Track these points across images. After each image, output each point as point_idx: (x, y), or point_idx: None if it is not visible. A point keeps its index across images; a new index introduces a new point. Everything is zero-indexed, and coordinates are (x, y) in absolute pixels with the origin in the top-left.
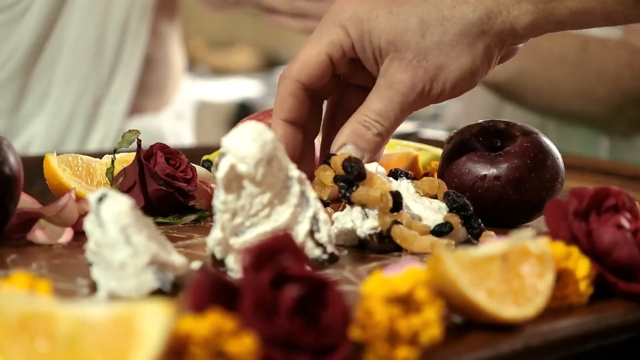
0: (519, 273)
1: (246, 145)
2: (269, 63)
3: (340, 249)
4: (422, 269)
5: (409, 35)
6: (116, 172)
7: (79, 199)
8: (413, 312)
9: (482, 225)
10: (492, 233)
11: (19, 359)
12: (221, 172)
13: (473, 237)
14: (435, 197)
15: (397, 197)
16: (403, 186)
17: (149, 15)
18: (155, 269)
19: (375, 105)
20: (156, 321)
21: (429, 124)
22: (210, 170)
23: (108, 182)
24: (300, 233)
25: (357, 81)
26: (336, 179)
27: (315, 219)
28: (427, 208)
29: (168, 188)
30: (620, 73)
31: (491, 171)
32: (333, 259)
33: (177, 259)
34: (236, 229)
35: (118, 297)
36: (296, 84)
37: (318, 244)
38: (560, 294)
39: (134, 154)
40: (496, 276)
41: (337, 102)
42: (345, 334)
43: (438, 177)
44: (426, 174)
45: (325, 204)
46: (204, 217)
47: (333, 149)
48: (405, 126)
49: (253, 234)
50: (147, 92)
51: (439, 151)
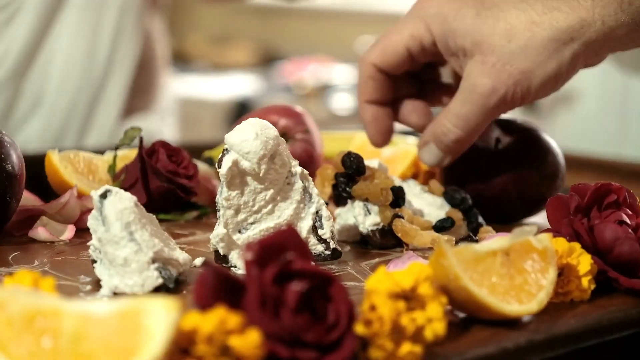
0: (522, 269)
1: (249, 141)
2: (268, 58)
3: (342, 245)
4: (426, 265)
5: (495, 38)
6: (118, 169)
7: (81, 196)
8: (417, 308)
9: (482, 220)
10: (490, 228)
11: (24, 357)
12: (224, 169)
13: (471, 232)
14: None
15: (400, 192)
16: (406, 184)
17: (142, 14)
18: (158, 266)
19: (456, 108)
20: (162, 317)
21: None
22: (211, 166)
23: (110, 179)
24: (303, 229)
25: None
26: (336, 175)
27: (318, 215)
28: (430, 205)
29: (170, 184)
30: None
31: (492, 167)
32: (336, 255)
33: (181, 256)
34: (239, 225)
35: (121, 294)
36: (372, 67)
37: (321, 240)
38: (562, 290)
39: (136, 151)
40: (499, 272)
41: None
42: (349, 330)
43: (439, 173)
44: (428, 172)
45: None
46: (206, 214)
47: (418, 145)
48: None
49: (256, 230)
50: (136, 93)
51: None
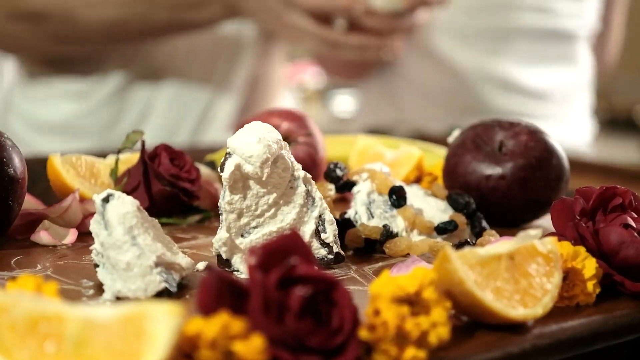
0: (527, 273)
1: (252, 145)
2: None
3: (345, 249)
4: (430, 269)
5: None
6: (120, 173)
7: (83, 200)
8: (421, 312)
9: (485, 224)
10: (494, 232)
11: None
12: (227, 172)
13: (475, 236)
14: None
15: (401, 192)
16: (410, 188)
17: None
18: (161, 270)
19: None
20: (165, 322)
21: (433, 123)
22: (214, 170)
23: (112, 183)
24: (306, 233)
25: None
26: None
27: (321, 219)
28: (434, 208)
29: (172, 188)
30: None
31: (496, 170)
32: (339, 259)
33: (183, 260)
34: (242, 229)
35: (124, 298)
36: None
37: (324, 244)
38: (567, 294)
39: (138, 155)
40: (503, 276)
41: None
42: (353, 334)
43: (443, 177)
44: (431, 176)
45: None
46: (208, 218)
47: None
48: (409, 126)
49: (259, 234)
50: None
51: (443, 151)
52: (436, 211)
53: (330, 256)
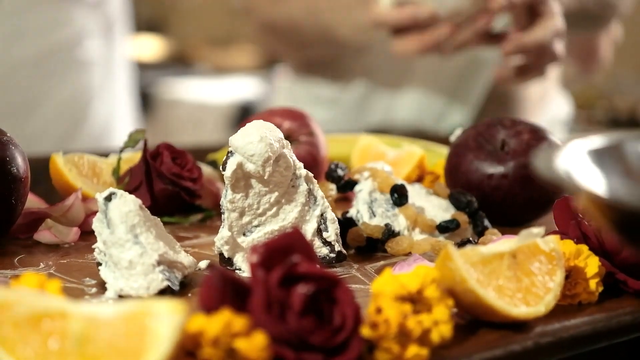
0: (529, 271)
1: (254, 144)
2: (270, 61)
3: (347, 248)
4: (432, 267)
5: None
6: (122, 172)
7: (86, 199)
8: (423, 311)
9: (487, 223)
10: (497, 231)
11: (31, 358)
12: (229, 171)
13: (476, 235)
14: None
15: (402, 190)
16: (412, 187)
17: None
18: (163, 268)
19: None
20: (168, 320)
21: (435, 122)
22: (215, 169)
23: (114, 182)
24: (308, 232)
25: None
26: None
27: (322, 218)
28: (436, 207)
29: (174, 187)
30: None
31: (498, 169)
32: (341, 258)
33: (185, 258)
34: (244, 228)
35: (127, 296)
36: None
37: (326, 243)
38: (570, 292)
39: (140, 154)
40: (506, 274)
41: None
42: (356, 332)
43: (445, 176)
44: (433, 174)
45: None
46: (210, 217)
47: None
48: (411, 124)
49: (261, 233)
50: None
51: (445, 150)
52: (438, 210)
53: (332, 255)
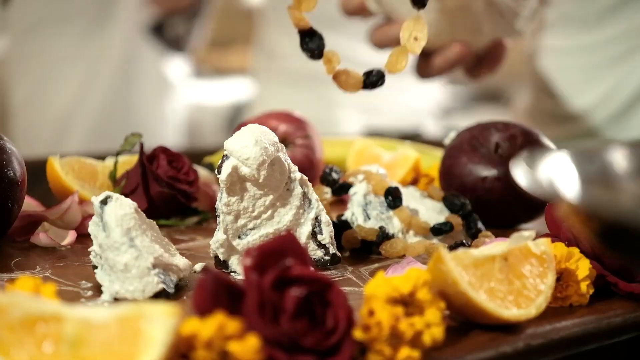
0: (520, 273)
1: (249, 147)
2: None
3: (341, 250)
4: (424, 270)
5: None
6: (119, 175)
7: (82, 202)
8: (415, 313)
9: (481, 225)
10: (490, 233)
11: None
12: (224, 175)
13: (470, 237)
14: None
15: (396, 192)
16: (406, 190)
17: None
18: (159, 271)
19: None
20: (162, 323)
21: (429, 125)
22: (211, 172)
23: (111, 185)
24: (302, 235)
25: None
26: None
27: (317, 221)
28: (430, 210)
29: (170, 190)
30: None
31: (492, 172)
32: (335, 260)
33: (181, 261)
34: (239, 231)
35: (122, 299)
36: None
37: (320, 245)
38: (561, 295)
39: (136, 157)
40: (497, 277)
41: None
42: (348, 335)
43: (439, 178)
44: (428, 177)
45: None
46: (206, 219)
47: None
48: (406, 127)
49: (256, 236)
50: None
51: (439, 153)
52: (432, 212)
53: (326, 257)
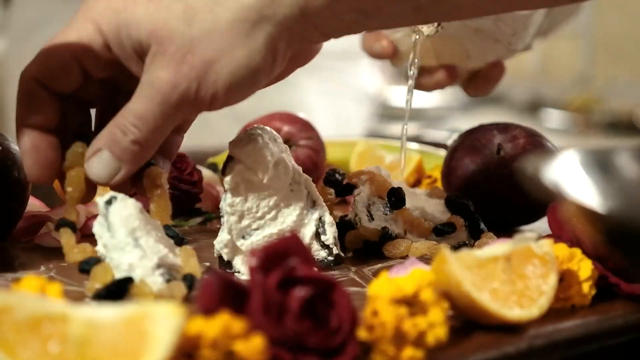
0: (523, 274)
1: (253, 148)
2: None
3: (345, 251)
4: (428, 270)
5: (172, 23)
6: None
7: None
8: (419, 313)
9: (483, 226)
10: (492, 234)
11: None
12: (228, 175)
13: (473, 238)
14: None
15: (399, 193)
16: (410, 190)
17: None
18: (163, 271)
19: (134, 106)
20: (167, 323)
21: (432, 126)
22: (215, 172)
23: None
24: (306, 235)
25: (130, 87)
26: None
27: (321, 221)
28: (432, 211)
29: (174, 191)
30: None
31: (494, 173)
32: (339, 261)
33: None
34: (243, 231)
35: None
36: (32, 82)
37: (324, 246)
38: (563, 295)
39: None
40: (500, 277)
41: (107, 110)
42: (352, 335)
43: (442, 180)
44: (430, 178)
45: None
46: (210, 220)
47: (87, 155)
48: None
49: (260, 236)
50: None
51: (442, 154)
52: (435, 213)
53: (330, 258)
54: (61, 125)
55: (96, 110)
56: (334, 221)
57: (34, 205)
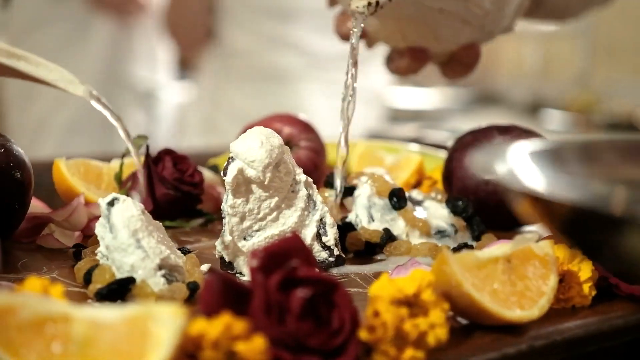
0: (523, 275)
1: (254, 149)
2: None
3: (346, 252)
4: (428, 271)
5: None
6: (125, 177)
7: (88, 203)
8: (420, 314)
9: (483, 227)
10: (493, 235)
11: None
12: (230, 177)
13: (473, 239)
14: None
15: (401, 194)
16: (411, 192)
17: None
18: (165, 272)
19: None
20: (169, 323)
21: (432, 127)
22: (217, 174)
23: (117, 187)
24: (307, 236)
25: None
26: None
27: (322, 222)
28: (433, 212)
29: (176, 192)
30: None
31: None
32: (340, 262)
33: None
34: (244, 233)
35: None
36: None
37: (325, 247)
38: (563, 296)
39: (142, 159)
40: (500, 278)
41: None
42: (353, 335)
43: (442, 181)
44: (431, 180)
45: None
46: (211, 221)
47: None
48: (408, 130)
49: (261, 238)
50: None
51: (442, 155)
52: (436, 214)
53: (331, 259)
54: None
55: None
56: (335, 222)
57: (36, 206)
